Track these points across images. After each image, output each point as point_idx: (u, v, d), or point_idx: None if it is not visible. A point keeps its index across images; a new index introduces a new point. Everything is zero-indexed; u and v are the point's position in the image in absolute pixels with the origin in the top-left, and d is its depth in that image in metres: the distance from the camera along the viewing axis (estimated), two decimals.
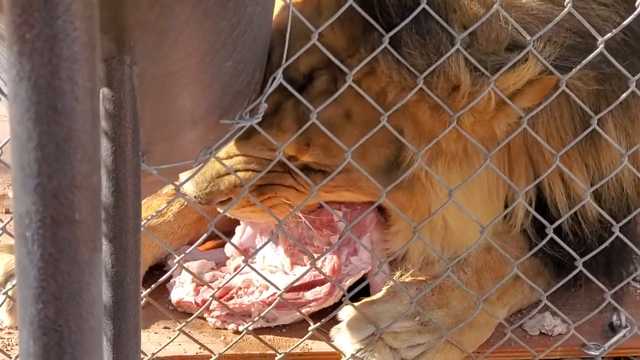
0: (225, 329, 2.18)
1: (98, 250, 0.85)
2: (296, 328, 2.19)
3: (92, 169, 0.82)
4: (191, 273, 2.00)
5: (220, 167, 2.04)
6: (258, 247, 2.17)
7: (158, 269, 2.35)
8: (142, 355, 1.88)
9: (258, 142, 2.01)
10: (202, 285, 2.18)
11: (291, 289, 2.13)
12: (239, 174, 2.04)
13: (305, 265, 2.21)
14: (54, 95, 0.78)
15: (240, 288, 2.19)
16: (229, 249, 2.33)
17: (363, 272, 2.16)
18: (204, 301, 2.14)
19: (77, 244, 0.83)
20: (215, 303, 2.16)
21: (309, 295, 2.17)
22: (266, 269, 2.25)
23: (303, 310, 2.14)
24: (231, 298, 2.18)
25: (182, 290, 2.22)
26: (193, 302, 2.18)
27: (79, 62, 0.79)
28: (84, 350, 0.84)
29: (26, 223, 0.81)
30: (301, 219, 2.22)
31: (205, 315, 2.19)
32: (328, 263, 2.19)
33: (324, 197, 2.04)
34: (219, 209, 2.12)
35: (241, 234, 2.32)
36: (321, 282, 2.17)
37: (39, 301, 0.83)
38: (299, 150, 2.01)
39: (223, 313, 2.17)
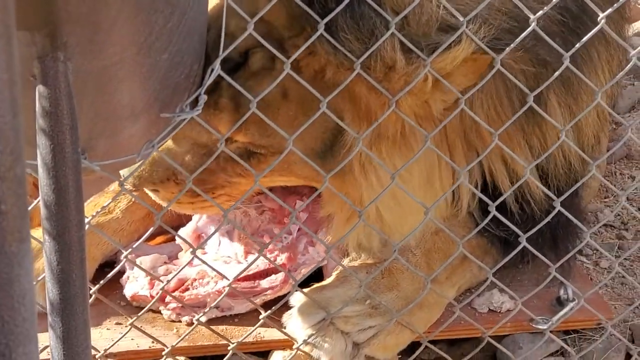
0: (180, 321, 2.19)
1: (25, 241, 0.85)
2: (249, 317, 2.21)
3: (15, 159, 0.82)
4: (142, 269, 2.01)
5: (156, 153, 2.02)
6: (208, 236, 2.18)
7: (108, 266, 2.34)
8: (93, 352, 1.88)
9: (196, 124, 1.98)
10: (157, 278, 2.19)
11: (247, 277, 2.15)
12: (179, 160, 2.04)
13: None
14: None
15: (195, 279, 2.20)
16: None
17: (318, 264, 2.17)
18: (160, 294, 2.15)
19: (3, 235, 0.83)
20: (171, 297, 2.16)
21: (264, 283, 2.19)
22: (220, 259, 2.26)
23: (258, 299, 2.16)
24: (186, 289, 2.19)
25: (136, 284, 2.22)
26: (148, 295, 2.19)
27: None
28: (18, 341, 0.84)
29: None
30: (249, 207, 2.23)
31: (161, 307, 2.19)
32: (285, 251, 2.21)
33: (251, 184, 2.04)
34: (162, 203, 2.12)
35: (198, 217, 2.34)
36: (277, 270, 2.19)
37: None
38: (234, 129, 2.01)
39: (178, 305, 2.18)
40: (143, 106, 1.69)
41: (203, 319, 2.08)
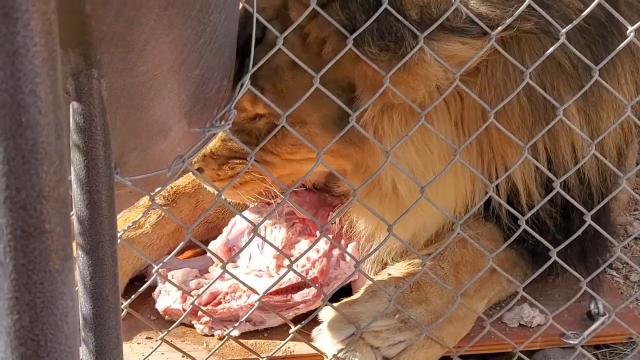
0: (212, 335, 2.20)
1: (69, 259, 0.87)
2: (279, 331, 2.21)
3: (59, 179, 0.84)
4: (173, 283, 2.02)
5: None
6: (239, 250, 2.19)
7: (139, 280, 2.36)
8: None
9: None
10: (189, 292, 2.20)
11: (279, 291, 2.16)
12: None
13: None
14: (18, 109, 0.80)
15: (227, 293, 2.21)
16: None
17: (348, 278, 2.17)
18: (193, 308, 2.16)
19: (48, 254, 0.84)
20: (204, 309, 2.17)
21: (297, 297, 2.20)
22: (251, 272, 2.27)
23: (291, 312, 2.16)
24: (219, 303, 2.20)
25: (168, 298, 2.23)
26: (181, 309, 2.20)
27: (40, 75, 0.80)
28: (61, 358, 0.86)
29: None
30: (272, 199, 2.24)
31: (194, 321, 2.20)
32: (317, 265, 2.21)
33: (287, 166, 2.07)
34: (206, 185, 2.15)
35: (229, 230, 2.35)
36: (311, 283, 2.20)
37: (14, 312, 0.84)
38: (252, 101, 2.04)
39: (211, 319, 2.19)
40: (174, 121, 1.71)
41: (235, 333, 2.09)
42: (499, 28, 1.86)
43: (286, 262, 2.24)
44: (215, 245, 2.35)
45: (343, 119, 1.95)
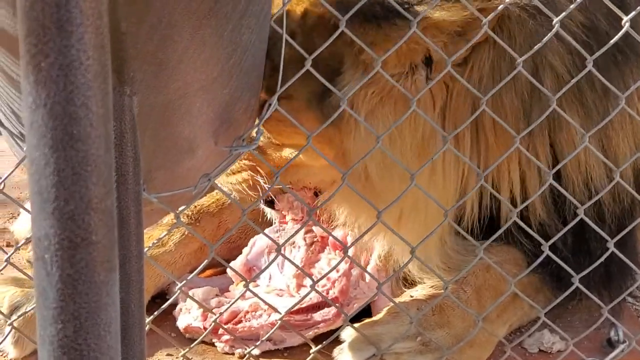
0: (233, 353, 2.20)
1: (114, 270, 0.88)
2: (298, 351, 2.21)
3: (107, 191, 0.85)
4: (195, 301, 2.02)
5: None
6: (262, 267, 2.20)
7: (160, 297, 2.37)
8: None
9: None
10: (210, 310, 2.21)
11: (300, 310, 2.16)
12: None
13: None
14: (70, 122, 0.82)
15: (248, 312, 2.22)
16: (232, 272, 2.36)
17: (371, 299, 2.17)
18: (213, 326, 2.16)
19: (94, 265, 0.85)
20: (225, 327, 2.18)
21: (317, 316, 2.20)
22: (272, 292, 2.28)
23: (311, 332, 2.16)
24: (239, 322, 2.20)
25: (189, 316, 2.24)
26: (202, 327, 2.20)
27: (92, 89, 0.82)
28: None
29: (45, 245, 0.84)
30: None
31: (215, 340, 2.21)
32: (337, 284, 2.21)
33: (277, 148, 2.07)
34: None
35: (248, 251, 2.36)
36: (331, 302, 2.20)
37: (58, 321, 0.86)
38: None
39: (232, 337, 2.19)
40: (202, 140, 1.73)
41: (256, 352, 2.09)
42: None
43: (306, 281, 2.24)
44: (235, 266, 2.36)
45: (325, 94, 1.94)
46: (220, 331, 2.19)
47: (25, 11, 0.80)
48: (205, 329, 2.18)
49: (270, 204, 2.36)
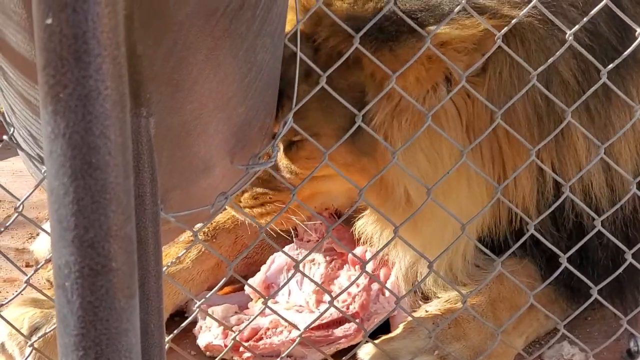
0: None
1: (133, 297, 0.89)
2: None
3: (126, 218, 0.86)
4: (215, 319, 2.03)
5: None
6: (281, 284, 2.20)
7: (178, 315, 2.37)
8: None
9: None
10: (230, 328, 2.21)
11: (320, 326, 2.16)
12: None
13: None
14: (89, 151, 0.83)
15: (268, 329, 2.22)
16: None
17: (389, 314, 2.17)
18: (234, 344, 2.16)
19: (114, 292, 0.86)
20: (245, 345, 2.18)
21: (338, 332, 2.20)
22: (292, 308, 2.28)
23: (332, 347, 2.16)
24: (260, 339, 2.21)
25: (209, 334, 2.24)
26: (222, 344, 2.20)
27: (110, 118, 0.83)
28: None
29: (65, 273, 0.85)
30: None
31: (235, 358, 2.21)
32: (357, 299, 2.22)
33: (306, 186, 2.05)
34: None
35: (267, 268, 2.37)
36: (351, 318, 2.20)
37: (80, 348, 0.86)
38: None
39: (252, 355, 2.19)
40: (217, 159, 1.74)
41: None
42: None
43: (326, 297, 2.25)
44: (254, 282, 2.36)
45: (356, 129, 1.95)
46: (241, 349, 2.19)
47: (43, 42, 0.82)
48: (226, 346, 2.19)
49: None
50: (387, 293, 2.24)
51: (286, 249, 2.39)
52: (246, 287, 2.34)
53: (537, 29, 2.00)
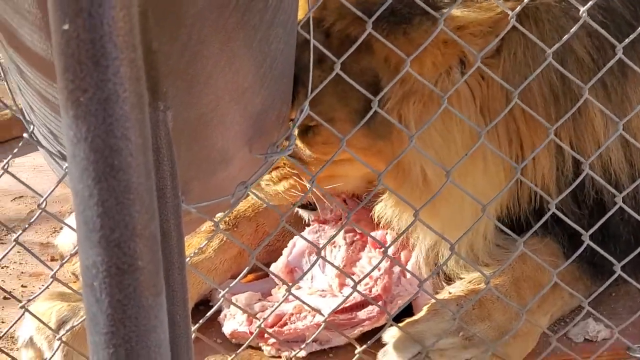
0: (280, 357, 2.23)
1: (160, 294, 0.90)
2: (343, 351, 2.23)
3: (150, 217, 0.87)
4: (240, 307, 2.05)
5: None
6: (304, 270, 2.22)
7: (203, 304, 2.40)
8: None
9: None
10: (254, 315, 2.23)
11: (344, 309, 2.18)
12: None
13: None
14: (111, 153, 0.84)
15: (292, 314, 2.24)
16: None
17: (413, 296, 2.18)
18: (259, 330, 2.18)
19: (141, 290, 0.88)
20: (270, 332, 2.20)
21: (362, 314, 2.21)
22: (315, 293, 2.30)
23: (356, 330, 2.18)
24: (285, 325, 2.23)
25: (234, 321, 2.26)
26: (247, 331, 2.22)
27: (130, 120, 0.84)
28: None
29: (93, 273, 0.87)
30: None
31: (261, 344, 2.23)
32: (380, 282, 2.23)
33: (321, 163, 2.06)
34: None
35: (288, 252, 2.38)
36: (374, 301, 2.21)
37: (110, 345, 0.88)
38: None
39: (278, 340, 2.22)
40: (235, 149, 1.75)
41: (302, 354, 2.12)
42: None
43: (349, 280, 2.26)
44: (277, 268, 2.38)
45: (368, 111, 1.93)
46: (266, 335, 2.21)
47: (61, 48, 0.83)
48: (251, 333, 2.21)
49: (305, 207, 2.39)
50: (408, 275, 2.25)
51: (307, 230, 2.40)
52: (270, 274, 2.35)
53: (551, 8, 2.00)
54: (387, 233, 2.32)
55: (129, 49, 0.83)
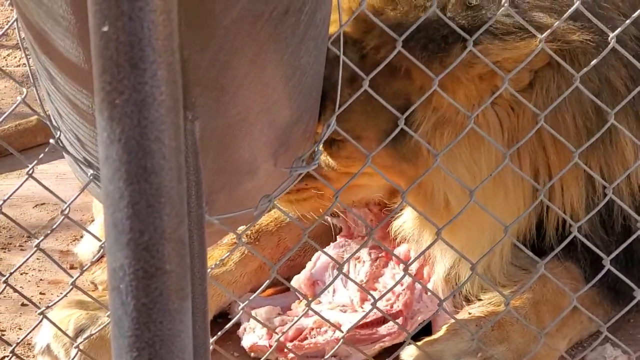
0: None
1: (187, 298, 0.90)
2: None
3: (180, 221, 0.88)
4: (258, 321, 2.05)
5: None
6: (326, 284, 2.22)
7: (222, 317, 2.39)
8: None
9: None
10: (274, 329, 2.23)
11: (365, 325, 2.17)
12: None
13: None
14: (144, 155, 0.84)
15: (312, 329, 2.23)
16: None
17: (434, 314, 2.18)
18: (278, 344, 2.17)
19: (168, 294, 0.88)
20: (289, 346, 2.19)
21: (382, 330, 2.21)
22: (336, 308, 2.30)
23: (376, 346, 2.17)
24: (305, 339, 2.22)
25: (254, 335, 2.26)
26: (267, 345, 2.21)
27: (165, 123, 0.85)
28: None
29: (120, 276, 0.87)
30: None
31: (281, 358, 2.23)
32: (401, 298, 2.23)
33: (344, 180, 2.07)
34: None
35: (312, 265, 2.38)
36: (394, 317, 2.20)
37: (134, 349, 0.88)
38: None
39: (297, 355, 2.21)
40: (261, 161, 1.75)
41: None
42: (547, 31, 1.87)
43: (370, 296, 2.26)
44: (299, 280, 2.38)
45: (399, 134, 1.95)
46: (286, 349, 2.21)
47: (99, 50, 0.83)
48: (270, 347, 2.20)
49: (338, 216, 2.40)
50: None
51: (332, 245, 2.40)
52: (291, 289, 2.35)
53: (588, 50, 2.00)
54: (410, 249, 2.31)
55: (167, 53, 0.84)
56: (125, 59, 0.82)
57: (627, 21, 1.87)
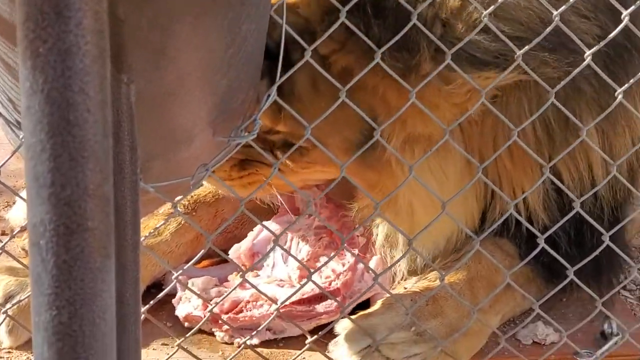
0: (232, 343, 2.21)
1: (110, 257, 0.88)
2: (294, 342, 2.22)
3: (104, 178, 0.85)
4: (195, 292, 2.02)
5: None
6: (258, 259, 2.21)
7: (155, 287, 2.37)
8: None
9: None
10: (210, 300, 2.21)
11: (302, 301, 2.17)
12: None
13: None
14: (67, 107, 0.81)
15: (249, 302, 2.22)
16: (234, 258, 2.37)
17: (368, 290, 2.18)
18: (213, 315, 2.16)
19: (90, 251, 0.85)
20: (225, 318, 2.18)
21: (320, 307, 2.21)
22: (273, 282, 2.28)
23: (312, 323, 2.18)
24: (240, 311, 2.21)
25: (189, 305, 2.24)
26: (202, 315, 2.19)
27: (90, 74, 0.82)
28: (97, 355, 0.87)
29: (40, 231, 0.84)
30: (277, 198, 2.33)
31: (215, 329, 2.21)
32: (342, 277, 2.23)
33: (299, 174, 2.12)
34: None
35: (254, 236, 2.37)
36: (334, 295, 2.20)
37: (53, 307, 0.86)
38: (273, 119, 2.08)
39: (233, 326, 2.20)
40: (199, 130, 1.72)
41: (255, 341, 2.10)
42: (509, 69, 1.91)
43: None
44: (240, 249, 2.36)
45: (365, 143, 1.98)
46: (220, 321, 2.19)
47: None
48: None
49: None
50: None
51: (273, 217, 2.40)
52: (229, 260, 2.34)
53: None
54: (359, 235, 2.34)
55: (93, 1, 0.81)
56: (49, 6, 0.79)
57: (603, 42, 1.91)
